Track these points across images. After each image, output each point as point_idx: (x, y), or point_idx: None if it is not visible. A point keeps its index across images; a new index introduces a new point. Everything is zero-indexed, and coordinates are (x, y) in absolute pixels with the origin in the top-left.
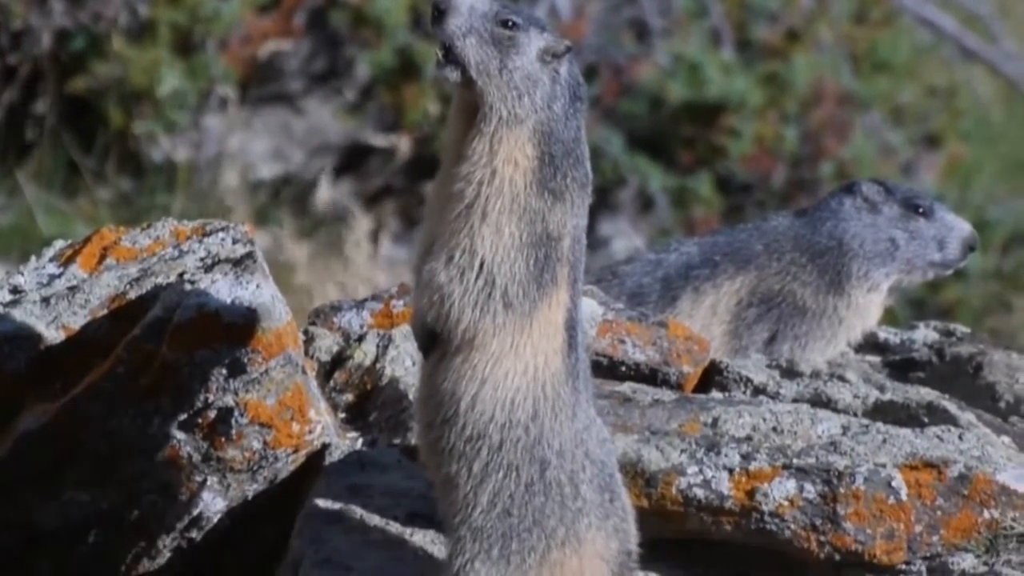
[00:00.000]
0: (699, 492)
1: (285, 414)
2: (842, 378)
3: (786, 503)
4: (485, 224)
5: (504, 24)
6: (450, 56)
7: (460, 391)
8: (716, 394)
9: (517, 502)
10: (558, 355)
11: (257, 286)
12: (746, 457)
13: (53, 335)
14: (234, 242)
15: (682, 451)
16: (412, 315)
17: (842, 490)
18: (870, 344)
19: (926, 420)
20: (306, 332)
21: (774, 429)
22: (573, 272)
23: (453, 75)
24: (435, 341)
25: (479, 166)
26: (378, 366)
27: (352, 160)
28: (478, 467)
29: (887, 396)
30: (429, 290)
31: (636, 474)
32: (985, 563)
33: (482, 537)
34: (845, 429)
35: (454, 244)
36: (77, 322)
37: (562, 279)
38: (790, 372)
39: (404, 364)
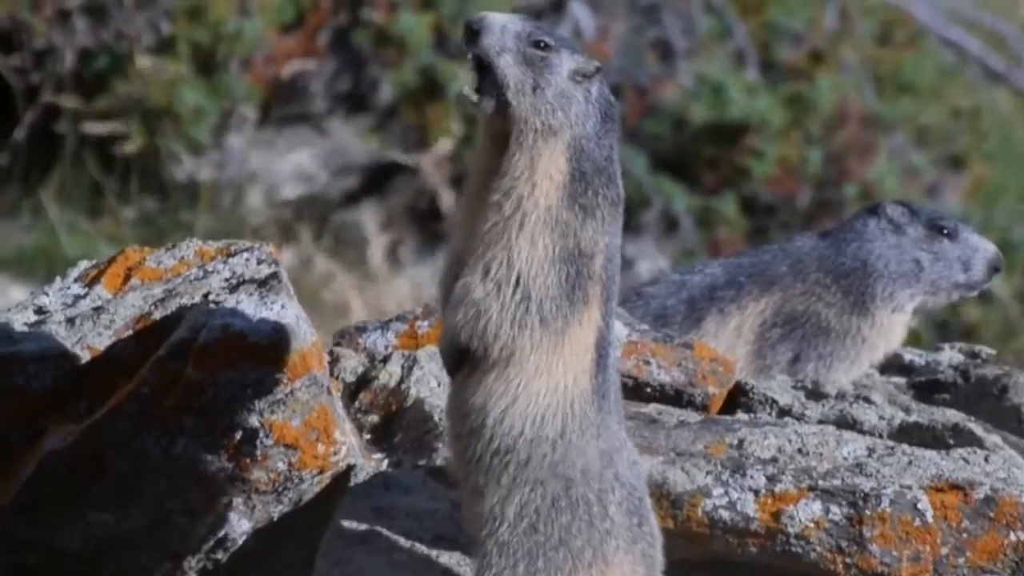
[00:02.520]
0: (725, 514)
1: (310, 435)
2: (867, 400)
3: (812, 525)
4: (522, 236)
5: (537, 45)
6: (484, 81)
7: (490, 406)
8: (741, 415)
9: (543, 518)
10: (587, 374)
11: (282, 306)
12: (772, 479)
13: (78, 355)
14: (259, 262)
15: (707, 473)
16: (442, 332)
17: (868, 512)
18: (895, 366)
19: (952, 442)
20: (331, 353)
21: (799, 451)
22: (606, 291)
23: (488, 106)
24: (465, 359)
25: (520, 180)
26: (403, 387)
27: (376, 179)
28: (505, 480)
29: (913, 418)
30: (464, 306)
31: (662, 496)
32: None
33: (508, 552)
34: (871, 451)
35: (490, 257)
36: (102, 343)
37: (593, 297)
38: (815, 394)
39: (429, 385)
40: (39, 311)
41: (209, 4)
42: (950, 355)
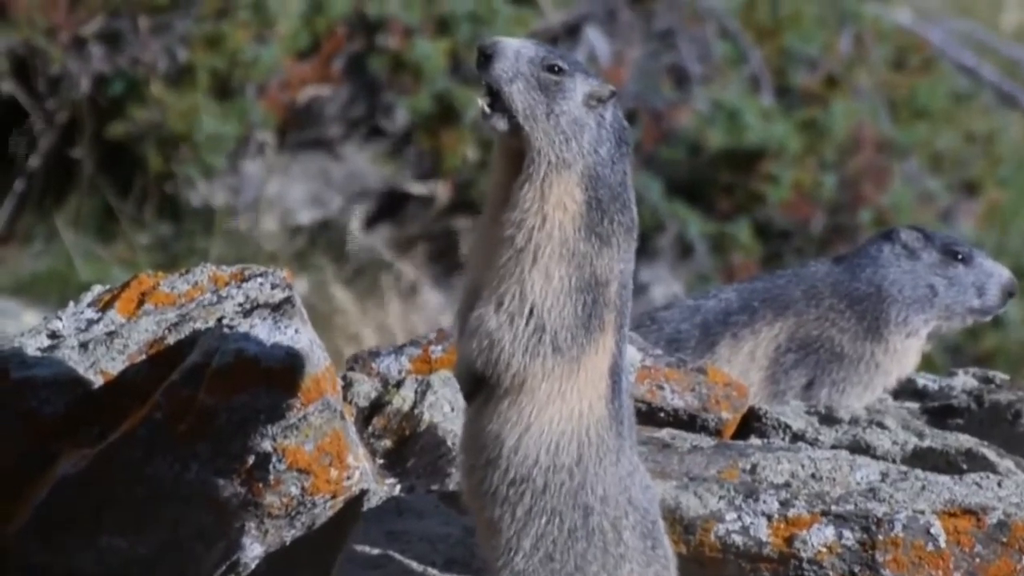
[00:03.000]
0: (737, 539)
1: (323, 460)
2: (881, 425)
3: (825, 550)
4: (535, 269)
5: (551, 69)
6: (496, 104)
7: (505, 434)
8: (755, 440)
9: (560, 547)
10: (602, 400)
11: (296, 331)
12: (785, 504)
13: (91, 380)
14: (272, 287)
15: (720, 497)
16: (457, 360)
17: (881, 537)
18: (909, 391)
19: (965, 467)
20: (344, 377)
21: (813, 476)
22: (619, 317)
23: (501, 124)
24: (480, 387)
25: (530, 212)
26: (416, 412)
27: (390, 205)
28: (521, 511)
29: (926, 443)
30: (478, 336)
31: (675, 520)
32: None
33: None
34: (884, 476)
35: (504, 289)
36: (115, 367)
37: (608, 324)
38: (829, 419)
39: (442, 410)
40: (52, 336)
41: (226, 31)
42: (964, 380)
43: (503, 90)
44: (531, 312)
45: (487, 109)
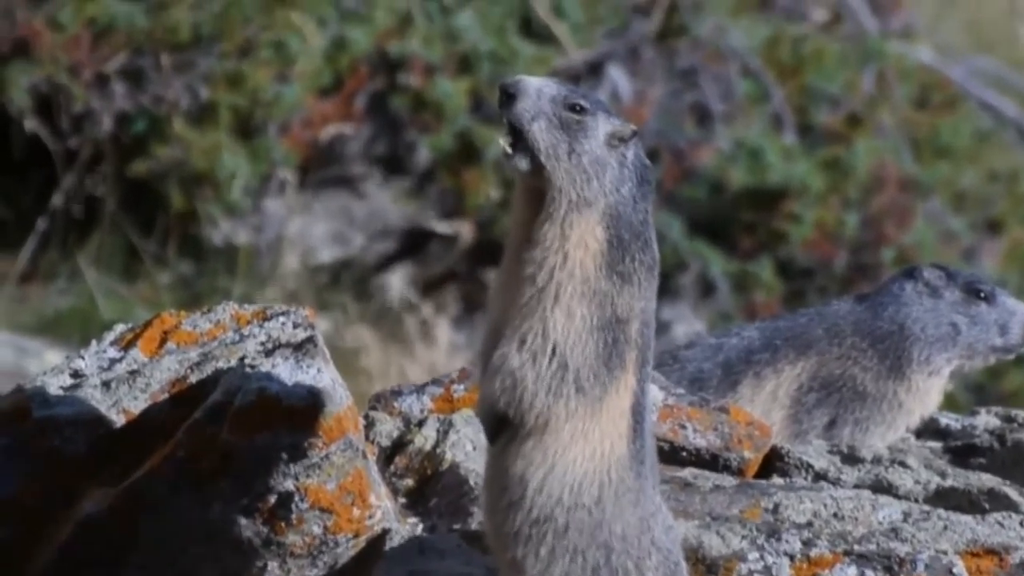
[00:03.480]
0: None
1: (345, 499)
2: (903, 464)
3: None
4: (557, 307)
5: (572, 108)
6: (518, 143)
7: (529, 475)
8: (777, 480)
9: None
10: (624, 440)
11: (318, 370)
12: (807, 543)
13: (114, 419)
14: (295, 326)
15: (743, 537)
16: (480, 400)
17: None
18: (931, 430)
19: (987, 506)
20: (367, 416)
21: (835, 515)
22: (641, 356)
23: (523, 163)
24: (503, 426)
25: (551, 251)
26: (438, 451)
27: (413, 244)
28: (544, 551)
29: (948, 482)
30: (501, 375)
31: (697, 560)
32: None
33: None
34: (906, 515)
35: (526, 328)
36: (138, 406)
37: (630, 363)
38: (851, 458)
39: (465, 449)
40: (75, 374)
41: (248, 70)
42: (986, 419)
43: (525, 129)
44: (553, 351)
45: (509, 148)
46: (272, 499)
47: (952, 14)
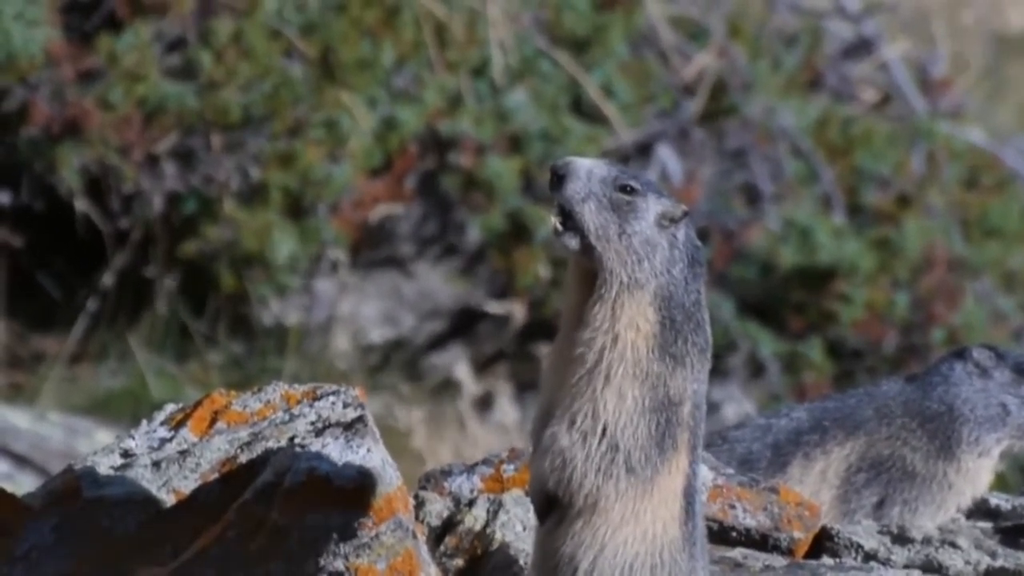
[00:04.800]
0: None
1: None
2: (953, 544)
3: None
4: (608, 388)
5: (623, 189)
6: (568, 223)
7: (579, 556)
8: (827, 560)
9: None
10: (675, 521)
11: (368, 450)
12: None
13: (164, 499)
14: (345, 406)
15: None
16: (530, 480)
17: None
18: (981, 510)
19: None
20: (416, 496)
21: None
22: (693, 438)
23: (573, 243)
24: (553, 506)
25: (601, 331)
26: (488, 531)
27: (463, 323)
28: None
29: (999, 562)
30: (551, 455)
31: None
32: None
33: None
34: None
35: (576, 408)
36: (188, 486)
37: (682, 444)
38: (901, 538)
39: (515, 529)
40: (125, 454)
41: (299, 150)
42: None
43: (575, 210)
44: (604, 431)
45: (559, 228)
46: None
47: (1002, 95)
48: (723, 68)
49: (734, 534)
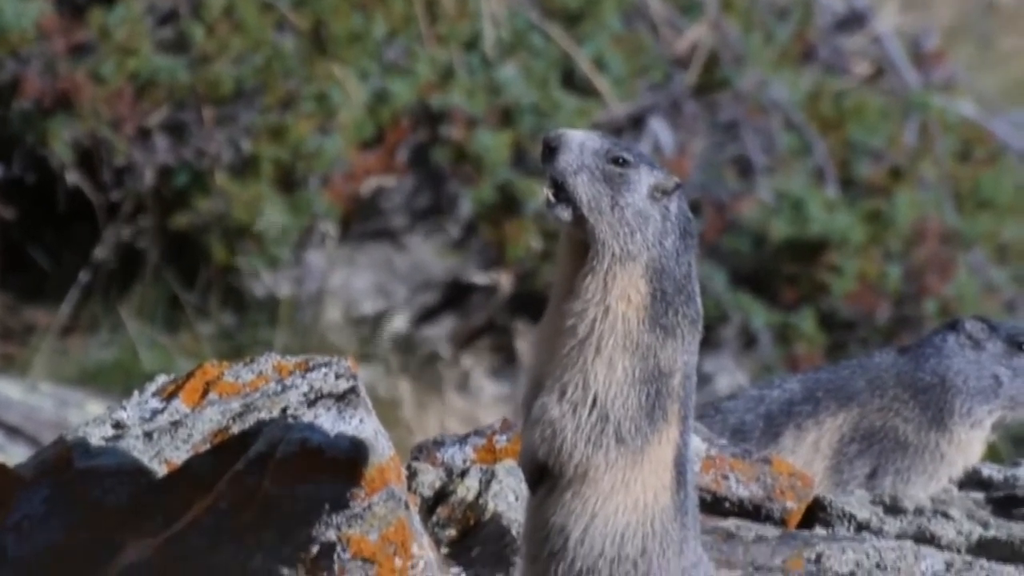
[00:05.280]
0: None
1: (388, 549)
2: (946, 514)
3: None
4: (599, 359)
5: (615, 161)
6: (560, 194)
7: (570, 525)
8: (820, 530)
9: None
10: (667, 491)
11: (360, 421)
12: None
13: (155, 469)
14: (337, 377)
15: None
16: (521, 450)
17: None
18: (973, 480)
19: None
20: (409, 467)
21: (877, 565)
22: (683, 408)
23: (565, 215)
24: (544, 476)
25: (592, 303)
26: (481, 501)
27: (453, 296)
28: None
29: (991, 533)
30: (541, 425)
31: None
32: None
33: None
34: (949, 566)
35: (567, 379)
36: (179, 457)
37: (673, 415)
38: (894, 508)
39: (507, 499)
40: (117, 425)
41: (290, 123)
42: None
43: (568, 182)
44: (594, 402)
45: (551, 200)
46: (314, 549)
47: (994, 68)
48: (715, 41)
49: (727, 504)
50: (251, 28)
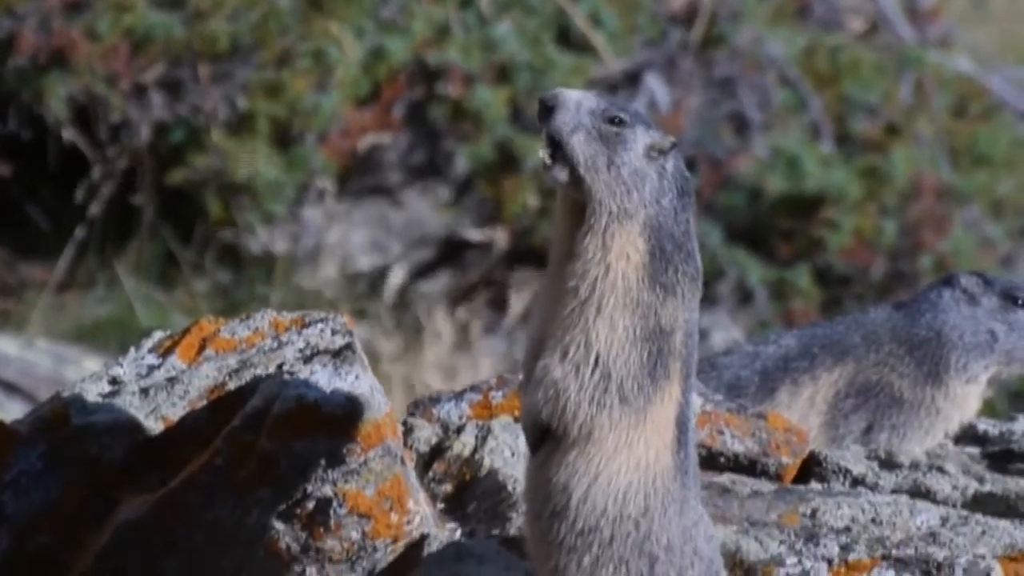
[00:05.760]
0: None
1: (384, 504)
2: (941, 469)
3: None
4: (600, 319)
5: (611, 120)
6: (557, 154)
7: (573, 485)
8: (815, 485)
9: None
10: (668, 450)
11: (356, 377)
12: (845, 548)
13: (152, 426)
14: (333, 333)
15: (781, 542)
16: (523, 412)
17: None
18: (969, 435)
19: None
20: (405, 423)
21: (873, 520)
22: (685, 366)
23: (562, 175)
24: (546, 437)
25: (592, 263)
26: (477, 457)
27: (449, 253)
28: (588, 561)
29: (986, 487)
30: (544, 386)
31: (735, 565)
32: None
33: None
34: (944, 520)
35: (568, 340)
36: (176, 413)
37: (674, 373)
38: (889, 463)
39: (503, 455)
40: (113, 382)
41: (286, 79)
42: None
43: (564, 142)
44: (596, 362)
45: (548, 160)
46: (310, 505)
47: (989, 24)
48: None
49: (722, 459)
50: None
